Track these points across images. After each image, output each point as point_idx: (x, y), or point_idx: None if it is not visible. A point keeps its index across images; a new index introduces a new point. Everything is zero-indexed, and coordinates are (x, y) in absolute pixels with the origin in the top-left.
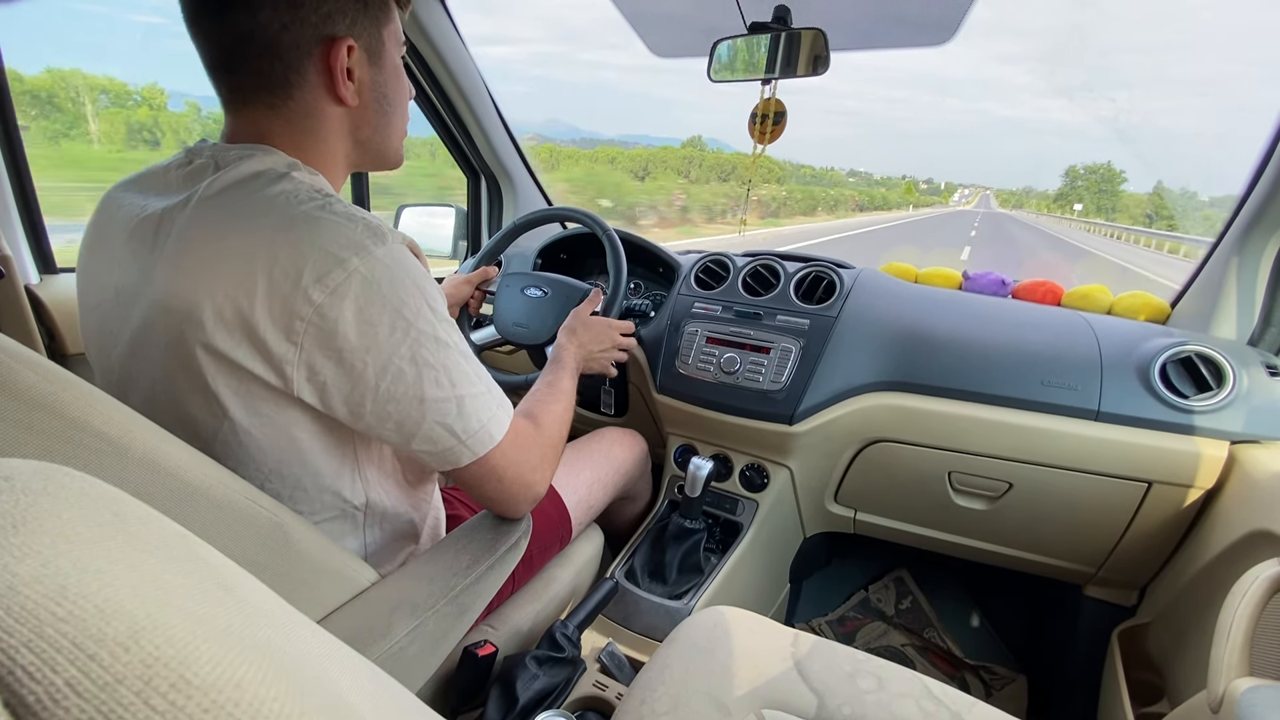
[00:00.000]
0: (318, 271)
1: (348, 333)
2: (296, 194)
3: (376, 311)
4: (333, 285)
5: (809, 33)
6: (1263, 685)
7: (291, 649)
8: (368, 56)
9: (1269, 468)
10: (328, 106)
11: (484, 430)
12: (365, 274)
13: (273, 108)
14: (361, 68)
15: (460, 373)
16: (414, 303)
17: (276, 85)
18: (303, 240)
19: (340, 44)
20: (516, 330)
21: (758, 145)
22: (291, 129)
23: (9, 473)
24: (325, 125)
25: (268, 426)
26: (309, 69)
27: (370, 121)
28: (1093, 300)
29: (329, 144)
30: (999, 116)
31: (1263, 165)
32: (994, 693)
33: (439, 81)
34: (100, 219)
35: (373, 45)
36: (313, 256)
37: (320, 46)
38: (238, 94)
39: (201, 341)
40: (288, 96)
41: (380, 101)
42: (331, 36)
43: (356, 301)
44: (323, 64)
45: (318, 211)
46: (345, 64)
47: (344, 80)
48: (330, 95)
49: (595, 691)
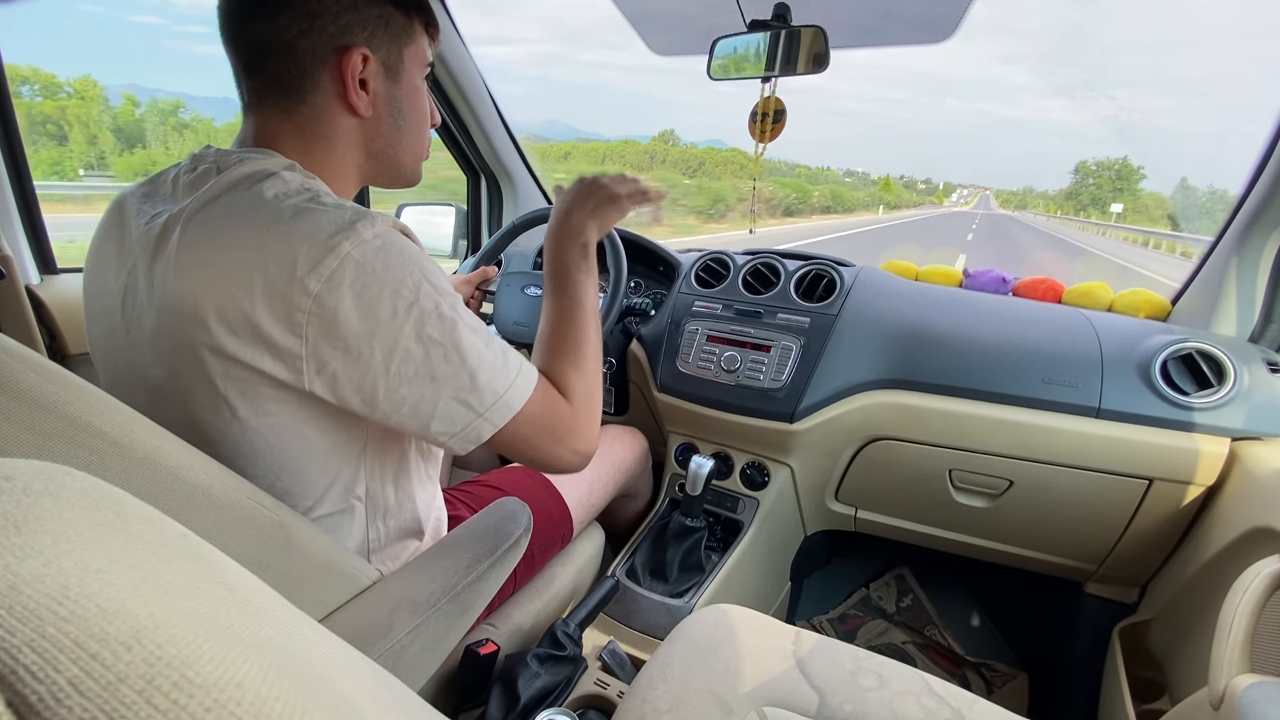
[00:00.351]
0: (310, 261)
1: (349, 319)
2: (285, 191)
3: (375, 294)
4: (327, 272)
5: (809, 30)
6: (1264, 682)
7: (293, 648)
8: (384, 70)
9: (1270, 464)
10: (340, 115)
11: (501, 401)
12: (358, 258)
13: (285, 111)
14: (377, 80)
15: (469, 345)
16: (412, 280)
17: (290, 89)
18: (292, 232)
19: (354, 53)
20: (517, 329)
21: (759, 144)
22: (302, 133)
23: (10, 473)
24: (336, 132)
25: (276, 425)
26: (323, 75)
27: (383, 134)
28: (1093, 297)
29: (339, 152)
30: (999, 116)
31: (1262, 164)
32: (995, 690)
33: (439, 81)
34: (109, 223)
35: (390, 60)
36: (303, 247)
37: (335, 55)
38: (254, 97)
39: (208, 344)
40: (300, 101)
41: (395, 116)
42: (347, 46)
43: (353, 286)
44: (336, 71)
45: (305, 204)
46: (358, 73)
47: (355, 89)
48: (342, 103)
49: (597, 690)
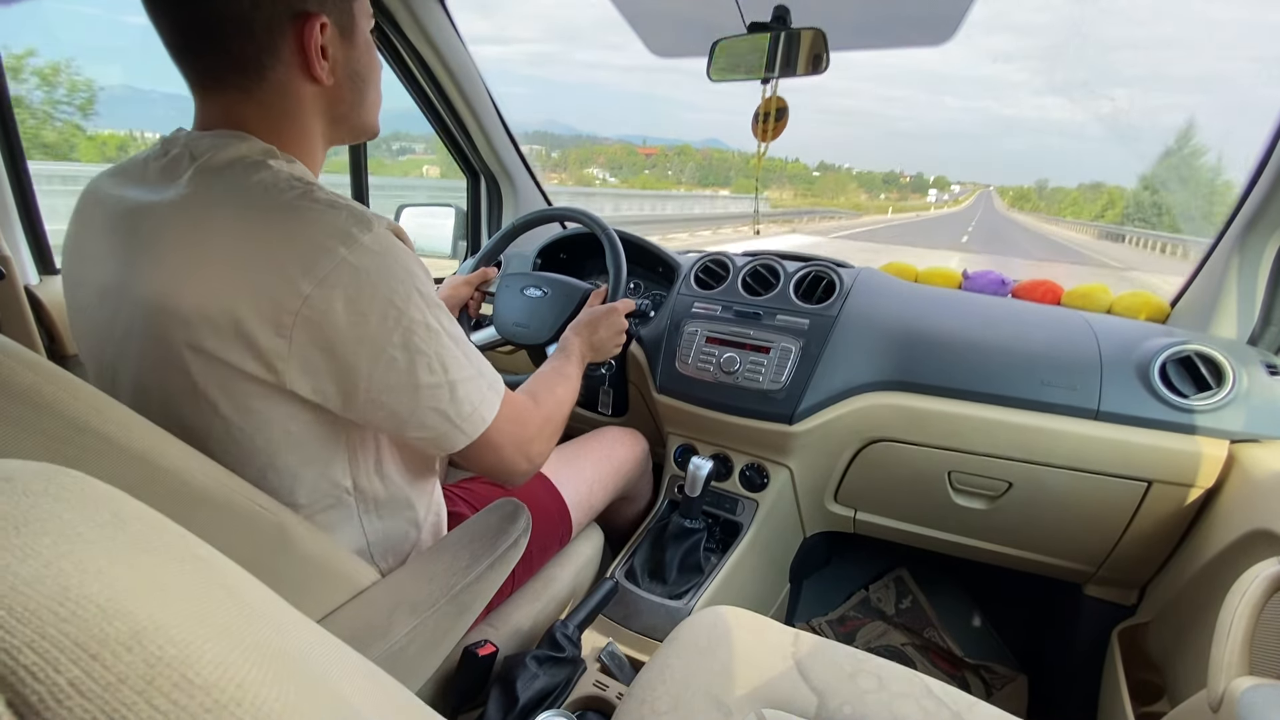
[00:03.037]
0: (305, 263)
1: (338, 323)
2: (276, 184)
3: (367, 300)
4: (320, 276)
5: (808, 32)
6: (1263, 684)
7: (292, 649)
8: (340, 33)
9: (1269, 467)
10: (302, 86)
11: (476, 413)
12: (354, 263)
13: (245, 90)
14: (335, 45)
15: (452, 357)
16: (404, 289)
17: (249, 66)
18: (286, 232)
19: (314, 20)
20: (516, 330)
21: (761, 144)
22: (265, 111)
23: (10, 474)
24: (300, 105)
25: (260, 422)
26: (282, 48)
27: (345, 99)
28: (1093, 299)
29: (304, 124)
30: (997, 115)
31: (1262, 164)
32: (994, 692)
33: (439, 81)
34: (81, 215)
35: (344, 21)
36: (298, 248)
37: (293, 24)
38: (207, 77)
39: (188, 342)
40: (260, 78)
41: (354, 79)
42: (304, 13)
43: (346, 291)
44: (296, 43)
45: (299, 201)
46: (320, 42)
47: (318, 59)
48: (304, 74)
49: (595, 691)
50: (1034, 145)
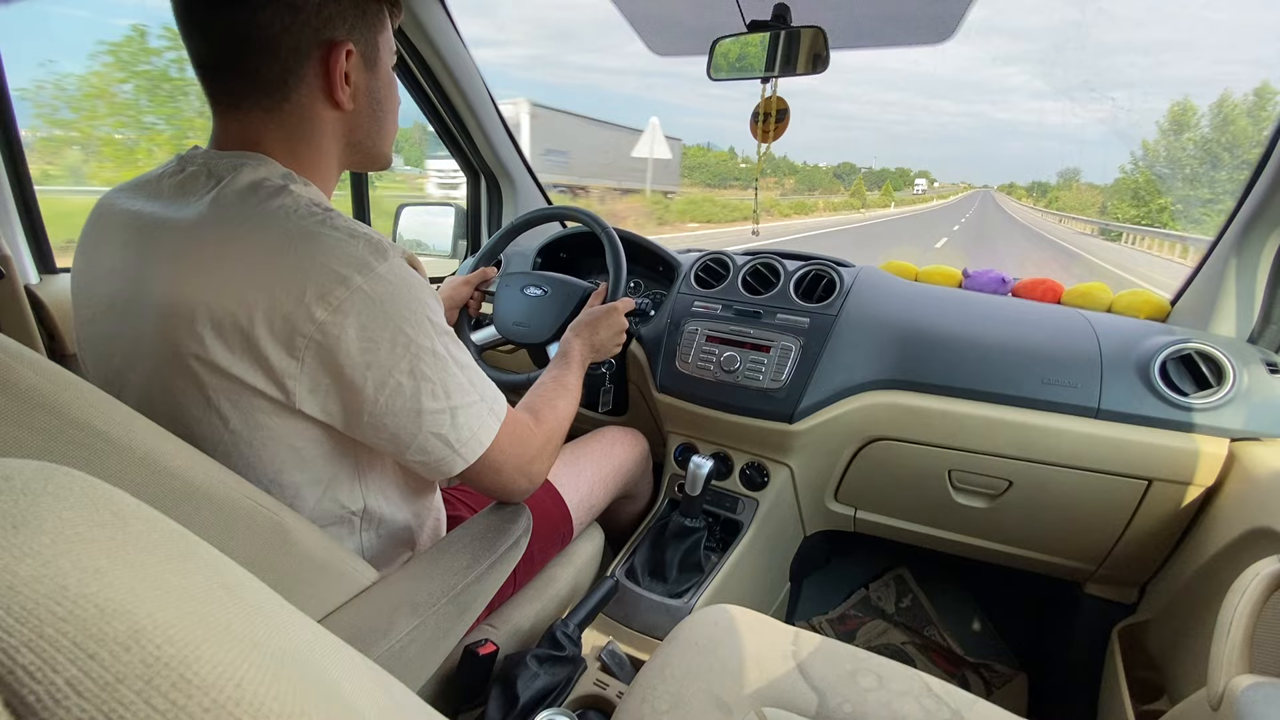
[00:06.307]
0: (320, 289)
1: (350, 349)
2: (296, 208)
3: (379, 328)
4: (336, 303)
5: (808, 31)
6: (1263, 682)
7: (292, 648)
8: (364, 62)
9: (1269, 465)
10: (323, 110)
11: (474, 438)
12: (368, 291)
13: (267, 110)
14: (358, 73)
15: (455, 384)
16: (415, 318)
17: (273, 88)
18: (305, 257)
19: (340, 48)
20: (516, 330)
21: (761, 144)
22: (286, 133)
23: (9, 473)
24: (319, 129)
25: (267, 438)
26: (307, 72)
27: (363, 126)
28: (1093, 298)
29: (322, 147)
30: (993, 118)
31: (1262, 164)
32: (994, 690)
33: (439, 82)
34: (95, 226)
35: (369, 51)
36: (315, 273)
37: (319, 50)
38: (231, 96)
39: (199, 356)
40: (284, 99)
41: (374, 106)
42: (331, 40)
43: (359, 319)
44: (321, 68)
45: (318, 227)
46: (344, 68)
47: (341, 84)
48: (327, 99)
49: (596, 690)
50: (1034, 148)
